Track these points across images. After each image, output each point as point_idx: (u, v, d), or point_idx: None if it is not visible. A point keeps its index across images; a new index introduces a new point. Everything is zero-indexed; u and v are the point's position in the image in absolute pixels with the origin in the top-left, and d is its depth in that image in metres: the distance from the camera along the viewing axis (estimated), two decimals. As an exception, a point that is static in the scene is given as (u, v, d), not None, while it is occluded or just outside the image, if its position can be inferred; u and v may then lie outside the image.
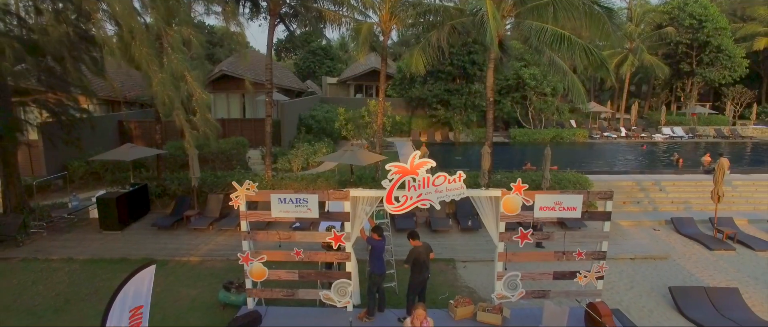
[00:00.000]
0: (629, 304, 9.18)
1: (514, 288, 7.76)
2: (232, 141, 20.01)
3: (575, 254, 7.80)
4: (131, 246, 12.20)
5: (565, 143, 27.52)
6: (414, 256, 7.59)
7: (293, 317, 7.87)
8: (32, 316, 8.73)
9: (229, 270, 10.41)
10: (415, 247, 7.66)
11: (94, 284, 10.14)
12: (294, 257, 7.84)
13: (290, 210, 7.53)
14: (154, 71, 10.61)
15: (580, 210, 7.52)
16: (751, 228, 13.91)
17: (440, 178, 7.12)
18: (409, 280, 7.84)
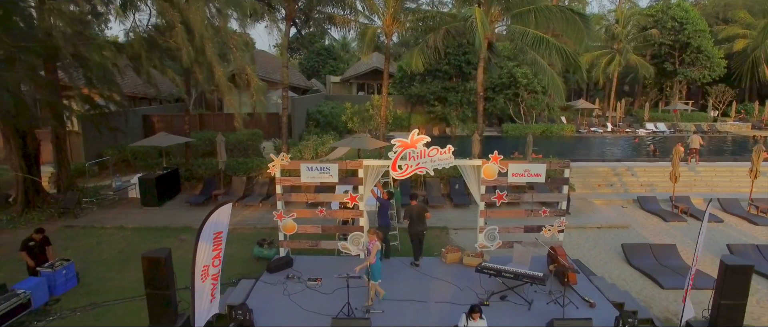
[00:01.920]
0: (590, 259, 11.24)
1: (492, 239, 9.82)
2: (248, 132, 22.05)
3: (541, 212, 9.88)
4: (170, 218, 14.25)
5: (553, 137, 29.60)
6: (409, 212, 9.67)
7: (316, 263, 9.90)
8: (105, 266, 10.79)
9: (256, 235, 12.41)
10: (412, 206, 9.73)
11: (146, 245, 12.18)
12: (318, 214, 9.90)
13: (315, 176, 9.58)
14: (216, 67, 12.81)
15: (544, 176, 9.58)
16: (705, 205, 15.92)
17: (434, 150, 9.16)
18: (409, 233, 9.92)
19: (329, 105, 29.81)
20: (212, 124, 24.59)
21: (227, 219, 7.12)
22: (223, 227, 7.07)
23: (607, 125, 33.37)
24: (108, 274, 10.49)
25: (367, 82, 40.29)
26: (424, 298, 8.25)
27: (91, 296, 9.45)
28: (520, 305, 8.00)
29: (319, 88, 41.88)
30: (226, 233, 7.12)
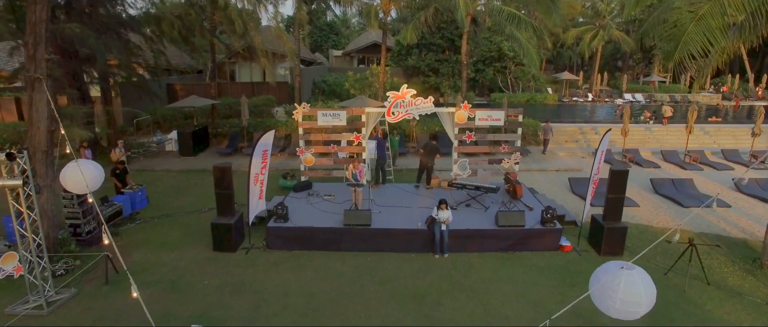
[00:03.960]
0: (544, 190, 14.29)
1: (464, 169, 12.87)
2: (263, 98, 25.00)
3: (501, 148, 12.92)
4: (205, 163, 17.30)
5: (537, 104, 32.46)
6: (426, 147, 12.68)
7: (329, 186, 12.95)
8: (164, 194, 13.91)
9: (279, 174, 15.48)
10: (429, 143, 12.75)
11: (192, 181, 15.30)
12: (331, 150, 12.94)
13: (329, 120, 12.57)
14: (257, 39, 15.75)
15: (503, 120, 12.58)
16: (651, 156, 19.06)
17: (419, 100, 12.12)
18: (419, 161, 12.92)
19: (333, 76, 32.61)
20: (229, 92, 27.47)
21: (271, 140, 10.18)
22: (268, 147, 10.15)
23: (588, 95, 36.19)
24: (168, 199, 13.61)
25: (367, 55, 42.91)
26: (410, 205, 11.35)
27: (161, 210, 12.58)
28: (479, 209, 11.08)
29: (322, 61, 44.52)
30: (270, 150, 10.19)
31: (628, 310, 3.54)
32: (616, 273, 3.61)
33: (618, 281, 3.54)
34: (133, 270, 9.26)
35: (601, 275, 3.72)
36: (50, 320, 7.50)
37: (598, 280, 3.72)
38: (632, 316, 3.56)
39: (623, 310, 3.56)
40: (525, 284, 8.75)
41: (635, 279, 3.56)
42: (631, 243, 10.42)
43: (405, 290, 8.43)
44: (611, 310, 3.62)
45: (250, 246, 10.13)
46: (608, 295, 3.58)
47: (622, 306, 3.55)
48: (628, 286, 3.51)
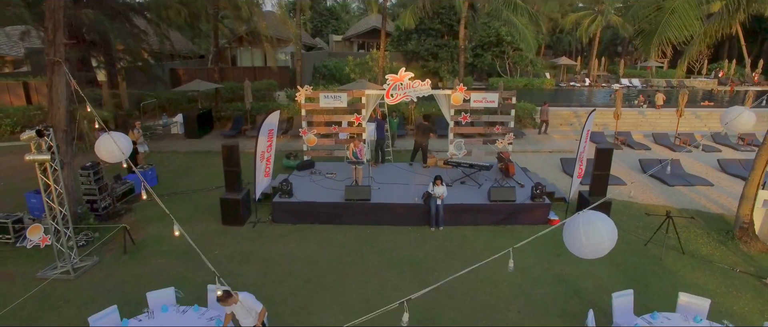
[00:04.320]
0: (537, 169, 14.90)
1: (459, 148, 13.47)
2: (265, 82, 25.48)
3: (495, 129, 13.51)
4: (210, 145, 17.89)
5: (534, 89, 32.95)
6: (418, 125, 13.27)
7: (331, 165, 13.57)
8: (172, 174, 14.52)
9: (281, 156, 16.08)
10: (422, 123, 13.35)
11: (198, 162, 15.90)
12: (332, 131, 13.52)
13: (330, 102, 13.13)
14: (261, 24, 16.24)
15: (497, 102, 13.14)
16: (643, 139, 19.64)
17: (416, 82, 12.66)
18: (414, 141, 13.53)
19: (333, 61, 33.02)
20: (231, 76, 27.92)
21: (276, 120, 10.77)
22: (274, 126, 10.74)
23: (586, 80, 36.64)
24: (176, 179, 14.23)
25: (367, 40, 43.22)
26: (407, 182, 11.98)
27: (170, 189, 13.20)
28: (473, 186, 11.71)
29: (322, 46, 44.83)
30: (276, 130, 10.77)
31: (594, 249, 4.16)
32: (576, 218, 4.23)
33: (578, 225, 4.15)
34: (148, 242, 9.95)
35: (568, 226, 4.33)
36: (77, 284, 8.17)
37: (567, 230, 4.34)
38: (599, 254, 4.17)
39: (590, 250, 4.17)
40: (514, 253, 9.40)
41: (592, 219, 4.17)
42: (616, 218, 11.04)
43: (402, 259, 9.10)
44: (581, 251, 4.23)
45: (257, 220, 10.79)
46: (575, 239, 4.19)
47: (588, 247, 4.15)
48: (587, 227, 4.13)
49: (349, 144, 11.68)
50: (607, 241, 4.09)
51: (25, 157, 7.70)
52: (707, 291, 7.93)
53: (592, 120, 10.96)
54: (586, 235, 4.06)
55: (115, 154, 5.86)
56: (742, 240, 9.63)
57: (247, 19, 16.38)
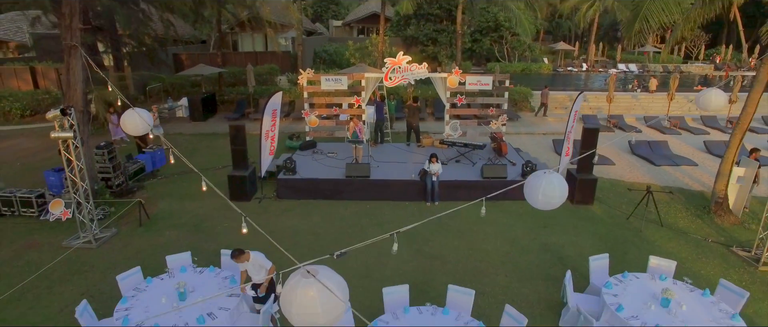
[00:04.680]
0: (529, 150, 15.52)
1: (455, 129, 14.06)
2: (266, 67, 25.96)
3: (489, 110, 14.09)
4: (214, 127, 18.49)
5: (532, 74, 33.39)
6: (408, 106, 13.88)
7: (332, 145, 14.17)
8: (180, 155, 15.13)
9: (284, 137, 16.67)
10: (411, 105, 13.94)
11: (204, 144, 16.52)
12: (333, 112, 14.11)
13: (331, 84, 13.69)
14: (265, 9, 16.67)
15: (491, 85, 13.70)
16: (635, 122, 20.22)
17: (413, 66, 13.21)
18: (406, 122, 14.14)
19: (333, 46, 33.43)
20: (233, 61, 28.40)
21: (279, 101, 11.36)
22: (277, 106, 11.33)
23: (583, 65, 37.04)
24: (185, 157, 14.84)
25: (367, 25, 43.50)
26: (405, 161, 12.61)
27: (179, 168, 13.79)
28: (467, 164, 12.34)
29: (322, 31, 45.09)
30: (279, 110, 11.37)
31: (547, 201, 4.86)
32: (541, 175, 4.88)
33: (541, 181, 4.81)
34: (161, 216, 10.62)
35: (530, 180, 4.99)
36: (99, 252, 8.84)
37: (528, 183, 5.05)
38: (549, 206, 4.88)
39: (544, 201, 4.85)
40: (504, 226, 10.08)
41: (552, 179, 4.82)
42: (602, 194, 11.74)
43: (399, 230, 9.75)
44: (536, 202, 4.94)
45: (263, 196, 11.44)
46: (534, 192, 4.87)
47: (543, 198, 4.84)
48: (547, 185, 4.78)
49: (349, 123, 12.26)
50: (558, 198, 4.75)
51: (51, 134, 8.31)
52: (679, 258, 8.59)
53: (580, 102, 11.54)
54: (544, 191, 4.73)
55: (140, 126, 6.47)
56: (716, 214, 10.28)
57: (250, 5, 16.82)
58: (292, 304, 2.71)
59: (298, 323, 2.76)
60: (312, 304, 2.67)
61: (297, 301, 2.69)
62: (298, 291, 2.69)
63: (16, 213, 10.21)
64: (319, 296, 2.67)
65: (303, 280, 2.73)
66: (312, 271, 2.76)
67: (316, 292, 2.67)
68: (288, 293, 2.76)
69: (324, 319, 2.71)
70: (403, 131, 15.19)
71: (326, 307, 2.68)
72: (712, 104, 7.10)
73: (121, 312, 5.86)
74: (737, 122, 10.04)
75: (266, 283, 6.13)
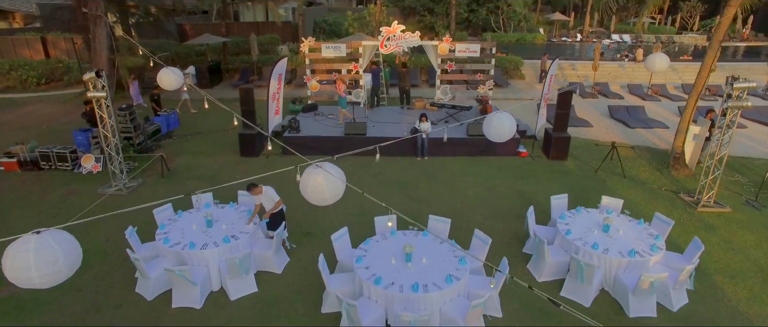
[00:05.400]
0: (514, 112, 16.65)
1: (445, 94, 15.22)
2: (268, 37, 26.85)
3: (477, 76, 15.22)
4: (221, 93, 19.60)
5: (526, 44, 34.22)
6: (400, 74, 14.99)
7: (332, 108, 15.36)
8: (190, 118, 16.34)
9: (287, 102, 17.81)
10: (402, 70, 15.05)
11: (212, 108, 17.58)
12: (333, 77, 15.25)
13: (331, 52, 14.77)
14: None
15: (479, 52, 14.78)
16: (619, 90, 21.32)
17: (407, 34, 14.26)
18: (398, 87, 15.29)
19: (333, 16, 34.14)
20: (236, 31, 29.24)
21: (284, 66, 12.51)
22: (282, 71, 12.47)
23: (578, 36, 37.77)
24: (195, 121, 16.07)
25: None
26: (399, 121, 13.83)
27: (191, 129, 15.06)
28: (455, 124, 13.55)
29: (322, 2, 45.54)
30: (284, 74, 12.52)
31: (499, 133, 6.11)
32: (494, 114, 6.14)
33: (493, 118, 6.06)
34: (180, 169, 11.91)
35: (487, 118, 6.24)
36: (130, 198, 10.16)
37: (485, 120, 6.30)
38: (501, 138, 6.13)
39: (496, 134, 6.11)
40: (486, 177, 11.37)
41: (502, 116, 6.06)
42: (577, 152, 12.99)
43: (392, 180, 11.07)
44: (491, 135, 6.19)
45: (269, 153, 12.70)
46: (488, 127, 6.12)
47: (495, 132, 6.09)
48: (498, 121, 6.03)
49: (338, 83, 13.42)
50: (508, 130, 6.01)
51: (87, 93, 9.51)
52: (634, 202, 9.92)
53: (556, 66, 12.67)
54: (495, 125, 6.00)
55: (173, 81, 7.68)
56: (674, 167, 11.56)
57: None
58: (307, 187, 3.99)
59: (313, 201, 4.07)
60: (321, 186, 3.94)
61: (310, 185, 3.97)
62: (311, 178, 3.96)
63: (53, 167, 11.48)
64: (325, 181, 3.94)
65: (314, 171, 3.99)
66: (320, 165, 4.02)
67: (323, 178, 3.94)
68: (304, 180, 4.03)
69: (330, 195, 3.99)
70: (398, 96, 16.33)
71: (331, 187, 3.96)
72: (656, 66, 8.30)
73: (161, 235, 7.19)
74: (694, 85, 11.18)
75: (272, 210, 7.40)
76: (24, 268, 3.22)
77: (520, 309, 6.58)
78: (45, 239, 3.30)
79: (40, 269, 3.20)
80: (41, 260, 3.21)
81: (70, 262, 3.39)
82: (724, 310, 6.56)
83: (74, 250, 3.48)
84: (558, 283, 7.09)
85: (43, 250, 3.23)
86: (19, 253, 3.24)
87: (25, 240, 3.24)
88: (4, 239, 3.51)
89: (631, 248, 6.82)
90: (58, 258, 3.28)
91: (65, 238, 3.44)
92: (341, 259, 6.96)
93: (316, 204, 4.29)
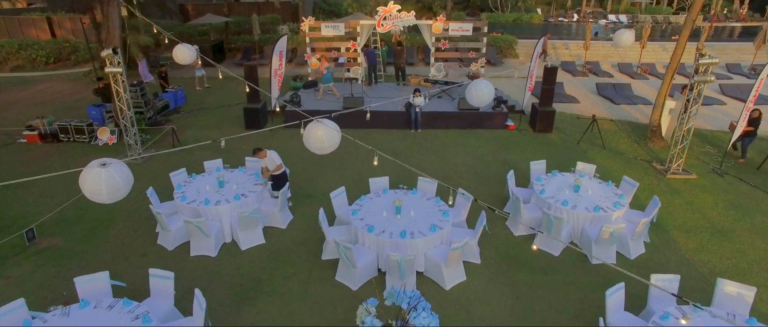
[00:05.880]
0: (505, 89, 17.44)
1: (439, 71, 15.96)
2: (269, 17, 27.41)
3: (470, 53, 15.94)
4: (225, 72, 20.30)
5: (523, 23, 34.72)
6: (393, 50, 15.72)
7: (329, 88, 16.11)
8: (198, 96, 17.12)
9: (288, 79, 18.55)
10: (396, 48, 15.78)
11: (217, 85, 18.43)
12: (332, 55, 15.98)
13: (331, 31, 15.47)
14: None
15: (471, 30, 15.48)
16: (610, 68, 22.00)
17: (402, 13, 14.94)
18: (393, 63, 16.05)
19: (332, -4, 34.57)
20: (237, 11, 29.76)
21: (285, 44, 13.25)
22: (283, 49, 13.22)
23: (575, 16, 38.18)
24: (201, 98, 16.86)
25: (365, -24, 44.15)
26: (394, 96, 14.61)
27: (197, 105, 15.86)
28: (447, 100, 14.34)
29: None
30: (285, 52, 13.27)
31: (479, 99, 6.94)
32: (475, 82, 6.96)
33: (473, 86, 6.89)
34: (188, 141, 12.72)
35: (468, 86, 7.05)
36: (145, 167, 11.02)
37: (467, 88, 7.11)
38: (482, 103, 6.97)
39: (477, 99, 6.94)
40: (474, 147, 12.21)
41: (481, 84, 6.89)
42: (562, 125, 13.79)
43: (387, 150, 11.89)
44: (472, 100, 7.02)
45: (272, 125, 13.51)
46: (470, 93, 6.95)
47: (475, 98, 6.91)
48: (476, 88, 6.85)
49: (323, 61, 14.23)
50: (486, 96, 6.83)
51: (105, 69, 10.30)
52: (609, 169, 10.77)
53: (541, 43, 13.39)
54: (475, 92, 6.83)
55: (188, 56, 8.48)
56: (651, 139, 12.39)
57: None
58: (309, 138, 4.84)
59: (314, 150, 4.94)
60: (320, 137, 4.80)
61: (311, 136, 4.82)
62: (312, 131, 4.81)
63: (71, 139, 12.32)
64: (324, 132, 4.79)
65: (314, 125, 4.84)
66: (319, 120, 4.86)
67: (323, 131, 4.79)
68: (306, 133, 4.88)
69: (328, 144, 4.85)
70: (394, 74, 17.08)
71: (329, 137, 4.81)
72: (623, 42, 9.06)
73: (178, 194, 8.06)
74: (670, 62, 11.92)
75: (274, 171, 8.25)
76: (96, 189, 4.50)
77: (497, 256, 7.50)
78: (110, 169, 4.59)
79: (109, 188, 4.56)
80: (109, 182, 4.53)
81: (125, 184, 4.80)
82: (674, 258, 7.47)
83: (128, 177, 4.84)
84: (532, 237, 7.98)
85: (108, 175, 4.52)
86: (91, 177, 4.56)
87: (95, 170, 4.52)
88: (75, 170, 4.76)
89: (596, 205, 7.69)
90: (119, 181, 4.49)
91: (123, 168, 4.73)
92: (339, 214, 7.85)
93: (317, 153, 5.15)
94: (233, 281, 6.90)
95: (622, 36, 8.65)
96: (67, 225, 8.41)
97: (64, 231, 8.22)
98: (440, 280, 6.68)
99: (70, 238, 8.02)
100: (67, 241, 7.92)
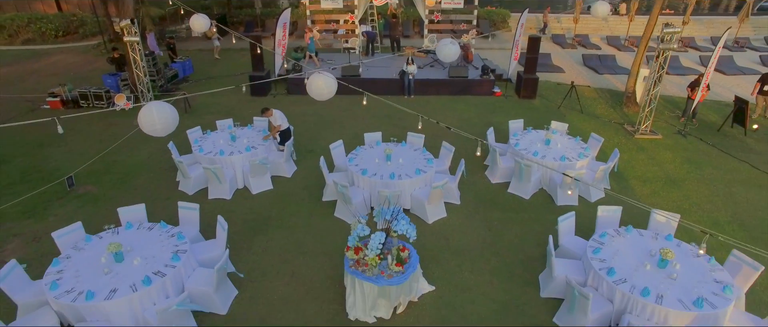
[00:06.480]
0: (496, 60, 18.38)
1: (432, 42, 16.87)
2: (270, -9, 28.08)
3: (462, 25, 16.84)
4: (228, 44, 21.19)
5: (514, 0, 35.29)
6: (389, 23, 16.62)
7: (330, 55, 17.06)
8: (204, 66, 18.06)
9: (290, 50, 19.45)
10: (393, 21, 16.68)
11: (222, 57, 19.38)
12: (331, 27, 16.89)
13: (330, 3, 16.34)
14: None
15: (463, 3, 16.35)
16: (599, 41, 22.86)
17: (398, -13, 15.81)
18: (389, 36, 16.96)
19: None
20: (238, -15, 30.38)
21: (288, 16, 14.16)
22: (287, 20, 14.14)
23: (571, -10, 38.66)
24: (207, 68, 17.82)
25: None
26: (389, 66, 15.59)
27: (204, 75, 16.84)
28: (439, 68, 15.31)
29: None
30: (288, 25, 14.20)
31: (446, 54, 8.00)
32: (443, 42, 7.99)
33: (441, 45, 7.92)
34: (199, 107, 13.76)
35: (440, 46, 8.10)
36: (160, 127, 12.08)
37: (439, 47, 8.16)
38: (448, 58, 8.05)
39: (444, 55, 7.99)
40: (463, 111, 13.26)
41: (448, 42, 7.92)
42: (546, 92, 14.80)
43: (381, 114, 12.96)
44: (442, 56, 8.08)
45: (276, 92, 14.54)
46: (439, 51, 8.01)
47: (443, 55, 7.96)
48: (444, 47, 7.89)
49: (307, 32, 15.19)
50: (453, 53, 7.86)
51: (124, 38, 11.28)
52: (584, 130, 11.84)
53: (526, 16, 14.31)
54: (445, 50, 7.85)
55: (203, 24, 9.48)
56: (626, 105, 13.42)
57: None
58: (311, 86, 5.92)
59: (316, 97, 6.04)
60: (321, 85, 5.88)
61: (313, 85, 5.91)
62: (314, 80, 5.89)
63: (91, 104, 13.36)
64: (324, 82, 5.87)
65: (316, 75, 5.91)
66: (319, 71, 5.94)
67: (323, 80, 5.87)
68: (310, 83, 5.97)
69: (327, 91, 5.94)
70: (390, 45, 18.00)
71: (328, 84, 5.90)
72: (598, 12, 10.00)
73: (195, 147, 9.16)
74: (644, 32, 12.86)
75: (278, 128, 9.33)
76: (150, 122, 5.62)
77: (475, 199, 8.64)
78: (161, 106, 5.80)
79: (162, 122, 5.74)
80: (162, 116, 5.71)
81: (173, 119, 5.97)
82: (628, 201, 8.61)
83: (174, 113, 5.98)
84: (507, 185, 9.11)
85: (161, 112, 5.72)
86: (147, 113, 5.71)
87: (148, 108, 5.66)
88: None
89: (562, 154, 8.80)
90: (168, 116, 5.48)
91: (169, 107, 5.85)
92: (338, 163, 8.97)
93: (318, 98, 6.26)
94: (247, 217, 8.05)
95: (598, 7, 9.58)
96: (98, 176, 9.53)
97: (97, 181, 9.35)
98: (424, 216, 7.83)
99: (102, 186, 9.15)
100: (100, 188, 9.05)
